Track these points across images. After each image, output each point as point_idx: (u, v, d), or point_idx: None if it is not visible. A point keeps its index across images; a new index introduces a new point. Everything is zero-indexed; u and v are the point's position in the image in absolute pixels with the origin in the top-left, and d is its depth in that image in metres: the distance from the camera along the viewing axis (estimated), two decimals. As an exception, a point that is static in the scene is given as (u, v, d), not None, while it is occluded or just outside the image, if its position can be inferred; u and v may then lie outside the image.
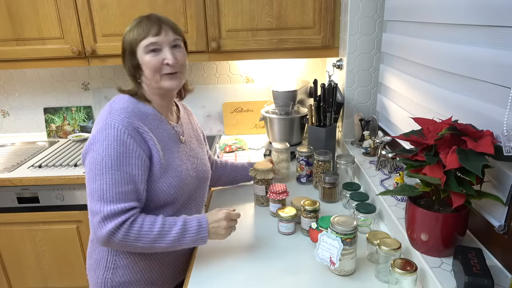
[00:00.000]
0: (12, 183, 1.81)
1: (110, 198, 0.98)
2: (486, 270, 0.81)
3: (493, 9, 0.88)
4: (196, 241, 1.05)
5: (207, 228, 1.05)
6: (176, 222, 1.03)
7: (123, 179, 0.99)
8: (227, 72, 2.26)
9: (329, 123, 1.66)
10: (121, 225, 0.97)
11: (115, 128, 1.00)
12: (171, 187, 1.09)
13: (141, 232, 0.99)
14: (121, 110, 1.04)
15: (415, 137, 0.97)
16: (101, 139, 1.00)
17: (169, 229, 1.02)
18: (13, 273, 2.01)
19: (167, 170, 1.08)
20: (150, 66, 1.06)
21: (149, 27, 1.05)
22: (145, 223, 1.00)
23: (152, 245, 1.01)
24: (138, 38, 1.05)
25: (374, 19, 1.67)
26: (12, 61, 1.91)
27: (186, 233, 1.03)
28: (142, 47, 1.05)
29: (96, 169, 0.99)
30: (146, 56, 1.06)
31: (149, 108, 1.11)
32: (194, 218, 1.06)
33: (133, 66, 1.08)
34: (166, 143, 1.11)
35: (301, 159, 1.57)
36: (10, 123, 2.39)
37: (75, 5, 1.80)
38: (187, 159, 1.18)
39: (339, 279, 1.02)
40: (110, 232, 0.97)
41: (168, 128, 1.14)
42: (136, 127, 1.03)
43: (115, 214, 0.97)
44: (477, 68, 0.95)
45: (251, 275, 1.05)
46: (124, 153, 0.99)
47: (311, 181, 1.59)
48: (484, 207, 0.97)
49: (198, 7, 1.79)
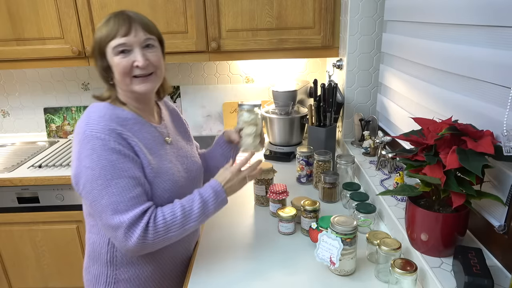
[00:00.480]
0: (12, 183, 1.81)
1: (125, 207, 0.94)
2: (486, 270, 0.81)
3: (493, 9, 0.88)
4: (219, 206, 1.06)
5: (223, 189, 1.06)
6: (193, 198, 1.02)
7: (129, 184, 0.95)
8: (227, 72, 2.26)
9: (329, 123, 1.66)
10: (147, 226, 0.95)
11: (98, 138, 0.94)
12: (165, 191, 1.05)
13: (167, 223, 0.97)
14: (99, 119, 0.97)
15: (415, 137, 0.97)
16: (89, 153, 0.94)
17: (190, 208, 1.00)
18: (13, 273, 2.01)
19: (158, 174, 1.04)
20: (119, 68, 0.99)
21: (117, 27, 0.98)
22: (166, 214, 0.98)
23: (183, 228, 0.99)
24: (107, 38, 0.98)
25: (374, 19, 1.67)
26: (12, 61, 1.91)
27: (207, 203, 1.02)
28: (110, 48, 0.99)
29: (98, 186, 0.93)
30: (115, 58, 0.99)
31: (128, 113, 1.04)
32: (207, 187, 1.05)
33: (103, 68, 1.02)
34: (152, 146, 1.06)
35: (301, 159, 1.56)
36: (10, 123, 2.39)
37: (75, 5, 1.80)
38: (177, 160, 1.13)
39: (339, 279, 1.02)
40: (140, 238, 0.94)
41: (152, 131, 1.08)
42: (119, 133, 0.98)
43: (136, 219, 0.94)
44: (477, 68, 0.95)
45: (251, 275, 1.05)
46: (117, 160, 0.95)
47: (311, 181, 1.59)
48: (484, 207, 0.97)
49: (198, 7, 1.79)
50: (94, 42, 1.01)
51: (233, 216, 1.37)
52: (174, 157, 1.13)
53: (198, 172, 1.23)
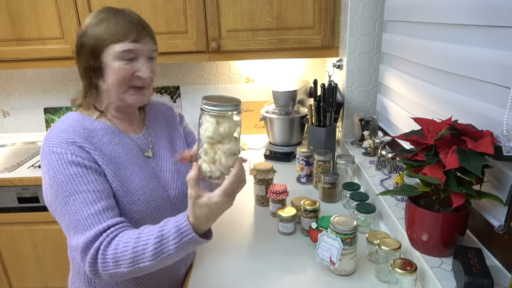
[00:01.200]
0: (12, 183, 1.81)
1: (83, 227, 0.83)
2: (486, 270, 0.81)
3: (493, 9, 0.88)
4: (185, 247, 0.79)
5: (189, 226, 0.77)
6: (153, 232, 0.80)
7: (88, 199, 0.84)
8: (227, 72, 2.26)
9: (329, 123, 1.66)
10: (96, 254, 0.81)
11: (54, 152, 0.86)
12: (133, 212, 0.92)
13: (117, 256, 0.80)
14: (60, 133, 0.89)
15: (415, 137, 0.97)
16: (46, 170, 0.86)
17: (145, 242, 0.79)
18: (13, 273, 2.01)
19: (125, 194, 0.91)
20: (119, 75, 0.90)
21: (127, 29, 0.89)
22: (120, 244, 0.81)
23: (135, 267, 0.80)
24: (110, 39, 0.88)
25: (374, 19, 1.67)
26: (12, 61, 1.91)
27: (166, 242, 0.79)
28: (113, 51, 0.89)
29: (58, 203, 0.85)
30: (116, 63, 0.89)
31: (99, 123, 0.95)
32: (171, 221, 0.81)
33: (91, 67, 0.91)
34: (122, 160, 0.94)
35: (301, 159, 1.57)
36: (10, 123, 2.39)
37: (75, 5, 1.80)
38: (153, 175, 0.99)
39: (339, 279, 1.02)
40: (91, 264, 0.82)
41: (126, 143, 0.97)
42: (80, 146, 0.88)
43: (89, 242, 0.82)
44: (477, 68, 0.95)
45: (251, 275, 1.05)
46: (76, 173, 0.85)
47: (311, 181, 1.59)
48: (484, 207, 0.97)
49: (198, 7, 1.79)
50: (87, 36, 0.89)
51: (233, 216, 1.37)
52: (151, 172, 0.99)
53: (182, 191, 1.04)
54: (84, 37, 0.90)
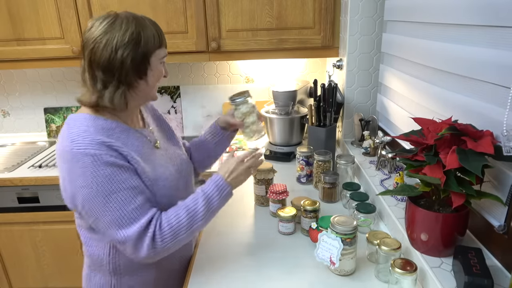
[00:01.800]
0: (12, 183, 1.81)
1: (128, 221, 0.92)
2: (486, 270, 0.81)
3: (493, 9, 0.88)
4: (224, 200, 1.04)
5: (226, 183, 1.03)
6: (197, 198, 0.99)
7: (129, 196, 0.92)
8: (227, 72, 2.26)
9: (329, 123, 1.66)
10: (153, 236, 0.93)
11: (87, 154, 0.89)
12: (162, 197, 1.02)
13: (173, 228, 0.95)
14: (84, 133, 0.92)
15: (415, 137, 0.97)
16: (81, 172, 0.89)
17: (195, 208, 0.97)
18: (13, 273, 2.01)
19: (154, 182, 1.01)
20: (159, 76, 1.02)
21: (163, 36, 1.00)
22: (171, 219, 0.96)
23: (191, 230, 0.97)
24: (157, 43, 0.98)
25: (374, 19, 1.67)
26: (13, 61, 1.91)
27: (211, 200, 1.00)
28: (159, 54, 0.99)
29: (98, 203, 0.90)
30: (159, 65, 1.00)
31: (111, 122, 0.98)
32: (209, 183, 1.03)
33: (137, 71, 0.96)
34: (143, 153, 1.02)
35: (301, 159, 1.56)
36: (11, 123, 2.40)
37: (75, 5, 1.80)
38: (167, 162, 1.09)
39: (339, 279, 1.02)
40: (150, 248, 0.93)
41: (139, 136, 1.04)
42: (109, 145, 0.92)
43: (142, 231, 0.92)
44: (477, 68, 0.95)
45: (251, 275, 1.05)
46: (112, 173, 0.91)
47: (311, 181, 1.59)
48: (484, 207, 0.97)
49: (198, 7, 1.79)
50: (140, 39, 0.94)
51: (233, 216, 1.37)
52: (164, 160, 1.09)
53: (189, 169, 1.21)
54: (140, 42, 0.94)
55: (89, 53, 0.93)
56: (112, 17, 0.94)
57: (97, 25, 0.93)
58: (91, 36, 0.93)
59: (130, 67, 0.94)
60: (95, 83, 0.95)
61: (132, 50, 0.93)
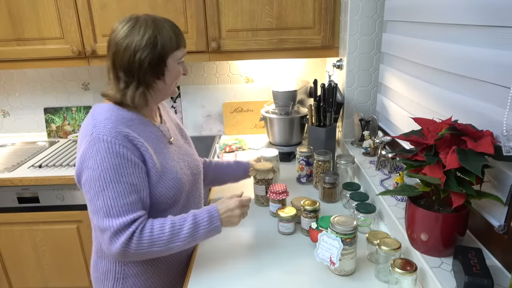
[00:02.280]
0: (12, 183, 1.81)
1: (117, 212, 0.95)
2: (486, 270, 0.81)
3: (493, 9, 0.88)
4: (211, 232, 1.04)
5: (219, 217, 1.04)
6: (186, 218, 1.02)
7: (125, 190, 0.96)
8: (227, 72, 2.26)
9: (329, 123, 1.66)
10: (132, 235, 0.96)
11: (104, 140, 0.96)
12: (170, 189, 1.07)
13: (153, 237, 0.97)
14: (105, 121, 1.00)
15: (415, 137, 0.97)
16: (93, 155, 0.96)
17: (180, 227, 1.00)
18: (13, 273, 2.01)
19: (164, 173, 1.06)
20: (177, 76, 1.09)
21: (181, 37, 1.06)
22: (155, 227, 0.98)
23: (168, 246, 0.99)
24: (174, 45, 1.03)
25: (374, 19, 1.67)
26: (13, 61, 1.91)
27: (198, 227, 1.01)
28: (176, 56, 1.05)
29: (96, 186, 0.96)
30: (177, 66, 1.07)
31: (132, 114, 1.06)
32: (204, 210, 1.05)
33: (154, 72, 1.03)
34: (156, 145, 1.08)
35: (301, 159, 1.56)
36: (10, 123, 2.39)
37: (75, 5, 1.80)
38: (179, 158, 1.16)
39: (339, 279, 1.02)
40: (124, 245, 0.95)
41: (155, 130, 1.11)
42: (126, 135, 0.99)
43: (124, 226, 0.95)
44: (477, 68, 0.95)
45: (251, 275, 1.05)
46: (120, 164, 0.96)
47: (311, 181, 1.59)
48: (484, 207, 0.97)
49: (198, 7, 1.79)
50: (158, 41, 1.01)
51: (233, 216, 1.37)
52: (177, 155, 1.15)
53: (199, 169, 1.25)
54: (154, 42, 1.00)
55: (112, 55, 1.02)
56: (133, 21, 1.02)
57: (119, 28, 1.01)
58: (114, 39, 1.02)
59: (148, 68, 1.02)
60: (118, 82, 1.04)
61: (149, 53, 1.00)
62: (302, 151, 1.56)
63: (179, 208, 1.14)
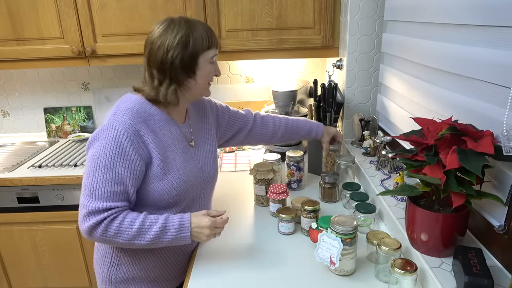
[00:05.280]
0: (12, 183, 1.81)
1: (98, 196, 1.00)
2: (486, 270, 0.81)
3: (493, 9, 0.88)
4: (178, 240, 1.04)
5: (189, 228, 1.03)
6: (158, 219, 1.03)
7: (113, 179, 1.00)
8: (227, 72, 2.26)
9: (329, 123, 1.66)
10: (101, 221, 0.99)
11: (115, 129, 1.01)
12: (172, 188, 1.09)
13: (120, 229, 1.00)
14: (126, 111, 1.05)
15: (415, 137, 0.97)
16: (101, 138, 1.02)
17: (149, 226, 1.02)
18: (13, 273, 2.01)
19: (168, 172, 1.08)
20: (210, 75, 1.11)
21: (213, 38, 1.08)
22: (126, 220, 1.01)
23: (131, 241, 1.02)
24: (205, 45, 1.06)
25: (374, 19, 1.67)
26: (12, 61, 1.91)
27: (167, 231, 1.02)
28: (207, 55, 1.08)
29: (91, 166, 1.01)
30: (209, 66, 1.09)
31: (156, 109, 1.10)
32: (176, 217, 1.04)
33: (185, 70, 1.06)
34: (169, 144, 1.10)
35: (292, 164, 1.52)
36: (10, 123, 2.39)
37: (75, 5, 1.80)
38: (192, 160, 1.16)
39: (339, 279, 1.02)
40: (91, 227, 0.99)
41: (174, 129, 1.13)
42: (137, 130, 1.04)
43: (99, 211, 0.99)
44: (477, 68, 0.95)
45: (251, 275, 1.05)
46: (119, 154, 1.01)
47: (302, 187, 1.57)
48: (484, 207, 0.97)
49: (198, 7, 1.79)
50: (190, 41, 1.04)
51: (233, 216, 1.37)
52: (190, 157, 1.16)
53: (212, 174, 1.25)
54: (186, 42, 1.04)
55: (148, 54, 1.07)
56: (168, 22, 1.06)
57: (155, 29, 1.06)
58: (149, 39, 1.06)
59: (179, 66, 1.05)
60: (153, 80, 1.08)
61: (181, 51, 1.04)
62: (292, 155, 1.51)
63: (181, 209, 1.15)
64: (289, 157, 1.52)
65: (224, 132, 1.38)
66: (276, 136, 1.46)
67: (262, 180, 1.41)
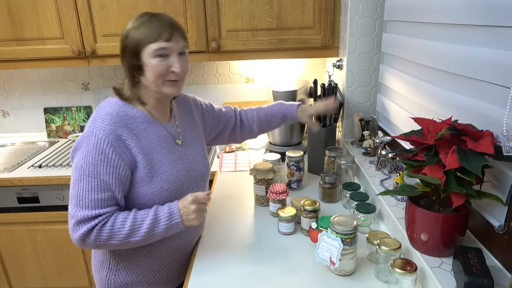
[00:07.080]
0: (12, 183, 1.81)
1: (86, 204, 0.99)
2: (486, 270, 0.81)
3: (493, 9, 0.88)
4: (172, 228, 1.04)
5: (179, 213, 1.03)
6: (148, 213, 1.03)
7: (99, 186, 0.99)
8: (227, 72, 2.26)
9: (329, 123, 1.66)
10: (92, 228, 0.98)
11: (96, 136, 0.99)
12: (162, 191, 1.07)
13: (113, 231, 0.99)
14: (105, 116, 1.02)
15: (415, 137, 0.97)
16: (83, 146, 1.00)
17: (141, 221, 1.01)
18: (13, 273, 2.01)
19: (155, 174, 1.06)
20: (156, 71, 1.02)
21: (160, 30, 1.00)
22: (117, 221, 1.00)
23: (127, 240, 1.01)
24: (147, 40, 1.00)
25: (374, 19, 1.67)
26: (12, 61, 1.91)
27: (158, 222, 1.02)
28: (150, 49, 1.01)
29: (76, 175, 1.00)
30: (153, 60, 1.01)
31: (137, 111, 1.07)
32: (165, 207, 1.04)
33: (133, 66, 1.04)
34: (154, 146, 1.08)
35: (292, 164, 1.52)
36: (10, 123, 2.39)
37: (75, 5, 1.80)
38: (180, 160, 1.14)
39: (339, 279, 1.02)
40: (83, 235, 0.98)
41: (159, 129, 1.10)
42: (119, 134, 1.01)
43: (88, 219, 0.98)
44: (477, 68, 0.95)
45: (251, 275, 1.05)
46: (102, 161, 0.99)
47: (302, 187, 1.57)
48: (484, 207, 0.97)
49: (198, 7, 1.79)
50: (129, 39, 1.02)
51: (233, 216, 1.37)
52: (179, 157, 1.13)
53: (203, 171, 1.22)
54: (126, 40, 1.03)
55: None
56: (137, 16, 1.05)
57: None
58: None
59: (127, 61, 1.04)
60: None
61: (127, 45, 1.03)
62: (292, 155, 1.51)
63: None
64: (289, 157, 1.52)
65: (210, 131, 1.36)
66: (253, 130, 1.43)
67: (262, 180, 1.41)
